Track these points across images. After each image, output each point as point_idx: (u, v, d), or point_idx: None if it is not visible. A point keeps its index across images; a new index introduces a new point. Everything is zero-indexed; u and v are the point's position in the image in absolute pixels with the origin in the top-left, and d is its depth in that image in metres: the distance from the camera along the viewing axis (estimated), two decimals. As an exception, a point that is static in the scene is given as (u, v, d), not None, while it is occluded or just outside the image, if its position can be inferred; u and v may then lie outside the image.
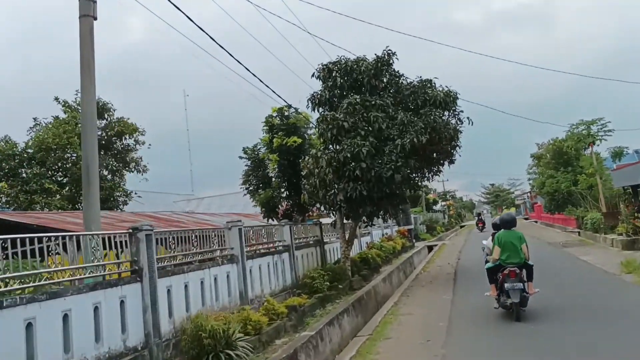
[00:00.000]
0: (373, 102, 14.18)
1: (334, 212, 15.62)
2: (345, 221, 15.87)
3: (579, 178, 32.13)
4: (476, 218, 48.37)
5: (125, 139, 24.79)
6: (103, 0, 9.81)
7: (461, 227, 69.59)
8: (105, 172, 23.11)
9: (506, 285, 9.52)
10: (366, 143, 13.28)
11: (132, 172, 24.69)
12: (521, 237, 9.98)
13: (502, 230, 10.19)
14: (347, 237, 15.49)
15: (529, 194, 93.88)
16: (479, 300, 11.45)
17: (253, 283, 10.52)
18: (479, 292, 11.57)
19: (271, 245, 12.54)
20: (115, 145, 24.63)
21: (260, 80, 13.44)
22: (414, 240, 38.31)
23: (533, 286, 9.81)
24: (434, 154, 15.39)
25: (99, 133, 22.16)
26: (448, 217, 68.21)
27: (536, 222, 63.71)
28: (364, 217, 15.37)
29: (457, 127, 15.29)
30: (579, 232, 29.19)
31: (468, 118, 15.79)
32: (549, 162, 43.91)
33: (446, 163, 16.35)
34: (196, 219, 18.37)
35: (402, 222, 39.16)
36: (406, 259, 22.64)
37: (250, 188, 19.08)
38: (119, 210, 22.03)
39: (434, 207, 61.25)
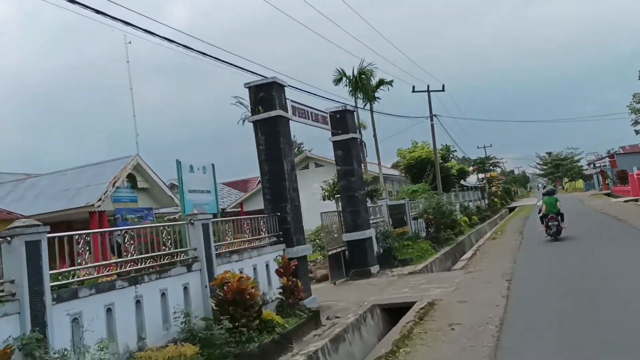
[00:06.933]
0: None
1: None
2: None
3: None
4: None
5: None
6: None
7: (510, 210, 44.83)
8: None
9: (549, 223, 18.31)
10: None
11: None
12: (557, 199, 18.72)
13: (547, 196, 18.98)
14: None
15: (607, 160, 67.30)
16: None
17: None
18: None
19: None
20: None
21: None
22: (369, 272, 15.06)
23: (565, 224, 18.66)
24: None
25: None
26: (487, 196, 43.52)
27: (637, 200, 38.53)
28: None
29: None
30: None
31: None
32: None
33: None
34: None
35: (348, 225, 15.81)
36: None
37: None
38: None
39: (462, 182, 36.81)
